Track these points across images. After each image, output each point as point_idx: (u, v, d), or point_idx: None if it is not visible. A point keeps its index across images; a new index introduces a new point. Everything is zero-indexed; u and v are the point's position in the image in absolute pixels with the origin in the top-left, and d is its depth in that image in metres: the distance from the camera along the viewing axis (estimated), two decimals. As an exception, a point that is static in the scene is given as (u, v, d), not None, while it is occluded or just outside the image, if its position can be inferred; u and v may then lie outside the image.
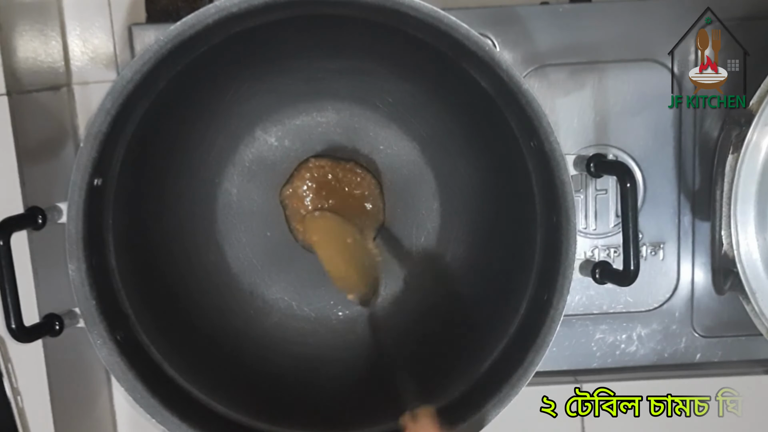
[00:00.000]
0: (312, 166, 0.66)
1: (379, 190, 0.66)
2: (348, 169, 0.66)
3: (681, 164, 0.66)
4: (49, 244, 0.58)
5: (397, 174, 0.67)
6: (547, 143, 0.50)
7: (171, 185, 0.63)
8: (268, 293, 0.67)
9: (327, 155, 0.66)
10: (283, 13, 0.52)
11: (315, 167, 0.66)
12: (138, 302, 0.57)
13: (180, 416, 0.53)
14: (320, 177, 0.66)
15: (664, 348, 0.69)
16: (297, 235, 0.66)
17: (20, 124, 0.60)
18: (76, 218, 0.51)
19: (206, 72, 0.57)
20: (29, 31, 0.64)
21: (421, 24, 0.49)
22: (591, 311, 0.68)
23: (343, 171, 0.66)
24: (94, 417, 0.71)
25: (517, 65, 0.64)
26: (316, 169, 0.66)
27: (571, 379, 0.70)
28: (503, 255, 0.62)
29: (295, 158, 0.66)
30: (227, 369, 0.62)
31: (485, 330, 0.59)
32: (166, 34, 0.49)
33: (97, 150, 0.50)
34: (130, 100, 0.50)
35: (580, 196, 0.66)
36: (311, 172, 0.65)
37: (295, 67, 0.62)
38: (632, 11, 0.64)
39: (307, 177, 0.65)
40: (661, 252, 0.67)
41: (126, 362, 0.53)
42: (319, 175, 0.66)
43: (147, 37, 0.63)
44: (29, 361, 0.61)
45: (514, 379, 0.53)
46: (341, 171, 0.66)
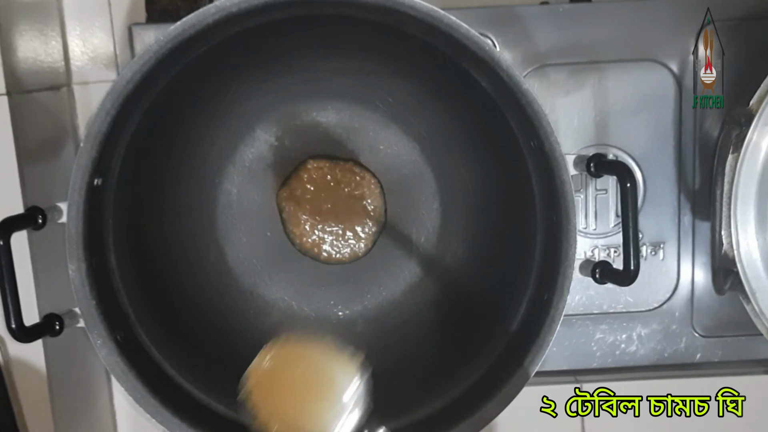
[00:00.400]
0: (310, 167, 0.65)
1: (380, 190, 0.66)
2: (347, 168, 0.66)
3: (681, 164, 0.66)
4: (49, 244, 0.58)
5: (397, 174, 0.67)
6: (547, 143, 0.50)
7: (171, 185, 0.63)
8: (268, 293, 0.67)
9: (326, 155, 0.66)
10: (283, 13, 0.52)
11: (313, 168, 0.66)
12: (138, 302, 0.57)
13: (180, 416, 0.53)
14: (319, 179, 0.66)
15: (664, 348, 0.69)
16: (294, 239, 0.66)
17: (20, 124, 0.60)
18: (76, 218, 0.51)
19: (206, 72, 0.57)
20: (29, 31, 0.64)
21: (421, 24, 0.49)
22: (591, 311, 0.68)
23: (343, 171, 0.66)
24: (94, 417, 0.71)
25: (517, 65, 0.65)
26: (315, 171, 0.66)
27: (571, 378, 0.70)
28: (503, 255, 0.62)
29: (295, 158, 0.66)
30: (227, 369, 0.62)
31: (485, 330, 0.59)
32: (166, 34, 0.49)
33: (97, 150, 0.51)
34: (130, 100, 0.50)
35: (580, 195, 0.67)
36: (309, 174, 0.65)
37: (295, 67, 0.62)
38: (632, 11, 0.64)
39: (305, 179, 0.65)
40: (661, 252, 0.68)
41: (126, 362, 0.53)
42: (317, 177, 0.66)
43: (147, 37, 0.63)
44: (29, 361, 0.61)
45: (514, 379, 0.53)
46: (340, 171, 0.66)
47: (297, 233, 0.66)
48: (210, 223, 0.66)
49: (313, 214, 0.66)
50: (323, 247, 0.67)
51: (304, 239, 0.66)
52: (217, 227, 0.66)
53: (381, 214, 0.67)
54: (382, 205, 0.67)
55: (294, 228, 0.66)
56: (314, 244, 0.66)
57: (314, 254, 0.67)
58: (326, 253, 0.67)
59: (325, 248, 0.67)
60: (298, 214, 0.66)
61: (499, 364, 0.56)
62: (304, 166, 0.66)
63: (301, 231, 0.66)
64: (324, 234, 0.66)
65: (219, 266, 0.66)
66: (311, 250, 0.67)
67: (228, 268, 0.66)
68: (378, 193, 0.66)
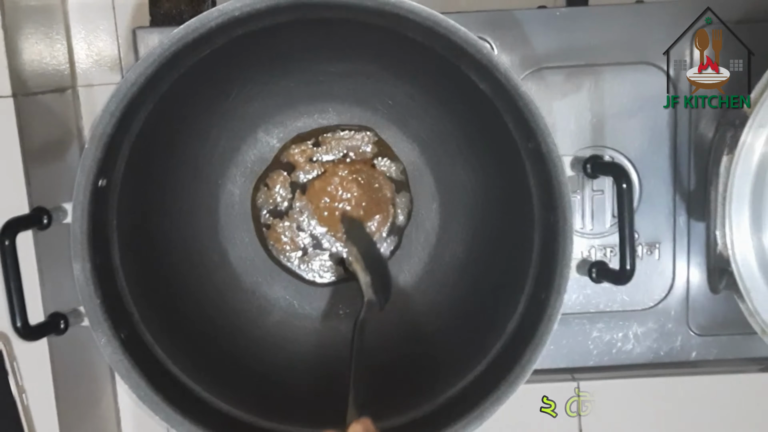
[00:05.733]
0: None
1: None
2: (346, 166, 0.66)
3: (676, 165, 0.67)
4: (54, 244, 0.58)
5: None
6: (545, 145, 0.51)
7: (174, 186, 0.64)
8: (269, 292, 0.67)
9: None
10: (285, 17, 0.52)
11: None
12: (142, 301, 0.57)
13: (183, 413, 0.54)
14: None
15: (660, 346, 0.69)
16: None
17: (26, 125, 0.60)
18: (81, 218, 0.51)
19: (209, 74, 0.57)
20: (34, 34, 0.65)
21: (420, 27, 0.50)
22: (588, 310, 0.68)
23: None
24: (98, 414, 0.72)
25: (514, 68, 0.65)
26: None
27: (568, 377, 0.70)
28: (501, 254, 0.62)
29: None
30: (230, 367, 0.62)
31: (483, 328, 0.60)
32: (169, 38, 0.49)
33: (101, 151, 0.51)
34: (134, 102, 0.51)
35: (576, 196, 0.67)
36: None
37: (297, 70, 0.62)
38: (628, 15, 0.65)
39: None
40: (657, 252, 0.68)
41: (130, 360, 0.53)
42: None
43: (151, 41, 0.63)
44: (34, 360, 0.62)
45: (511, 377, 0.53)
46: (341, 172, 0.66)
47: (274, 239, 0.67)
48: (212, 223, 0.66)
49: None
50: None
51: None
52: (219, 227, 0.66)
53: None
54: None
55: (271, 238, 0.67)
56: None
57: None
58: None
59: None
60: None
61: (497, 362, 0.57)
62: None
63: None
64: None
65: (221, 266, 0.66)
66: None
67: (230, 268, 0.67)
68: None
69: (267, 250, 0.67)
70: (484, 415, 0.53)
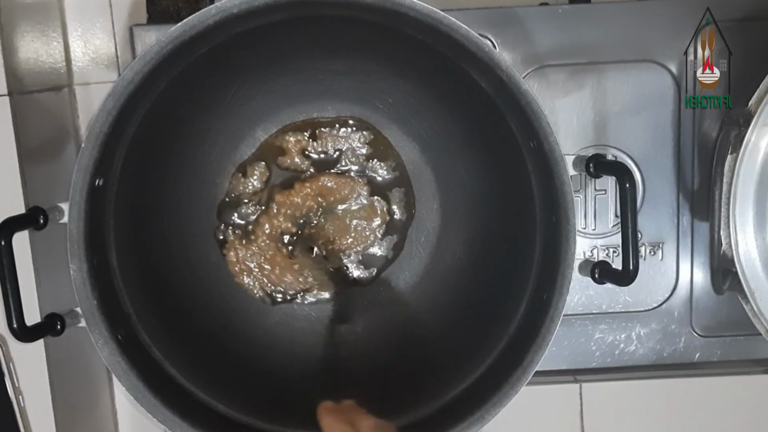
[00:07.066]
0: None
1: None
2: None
3: (680, 164, 0.66)
4: (51, 244, 0.58)
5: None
6: (547, 143, 0.50)
7: (172, 185, 0.63)
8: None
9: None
10: (284, 14, 0.52)
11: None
12: (139, 302, 0.57)
13: (181, 415, 0.54)
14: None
15: (663, 347, 0.69)
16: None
17: (22, 124, 0.60)
18: (78, 218, 0.51)
19: (207, 73, 0.57)
20: (31, 32, 0.64)
21: (421, 25, 0.49)
22: (590, 311, 0.68)
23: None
24: (95, 416, 0.71)
25: (516, 66, 0.65)
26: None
27: (570, 378, 0.70)
28: (503, 255, 0.62)
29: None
30: (228, 368, 0.62)
31: (485, 329, 0.59)
32: (167, 35, 0.49)
33: (98, 150, 0.51)
34: (131, 100, 0.50)
35: (579, 196, 0.67)
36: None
37: (296, 68, 0.62)
38: (631, 12, 0.65)
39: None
40: (660, 252, 0.68)
41: (127, 361, 0.53)
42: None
43: (148, 38, 0.63)
44: (31, 361, 0.61)
45: (513, 378, 0.53)
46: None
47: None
48: (211, 223, 0.66)
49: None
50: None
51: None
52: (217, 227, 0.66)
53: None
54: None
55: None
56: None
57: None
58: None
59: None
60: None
61: (499, 364, 0.57)
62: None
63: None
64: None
65: (220, 266, 0.66)
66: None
67: (228, 268, 0.66)
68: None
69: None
70: (485, 416, 0.53)
